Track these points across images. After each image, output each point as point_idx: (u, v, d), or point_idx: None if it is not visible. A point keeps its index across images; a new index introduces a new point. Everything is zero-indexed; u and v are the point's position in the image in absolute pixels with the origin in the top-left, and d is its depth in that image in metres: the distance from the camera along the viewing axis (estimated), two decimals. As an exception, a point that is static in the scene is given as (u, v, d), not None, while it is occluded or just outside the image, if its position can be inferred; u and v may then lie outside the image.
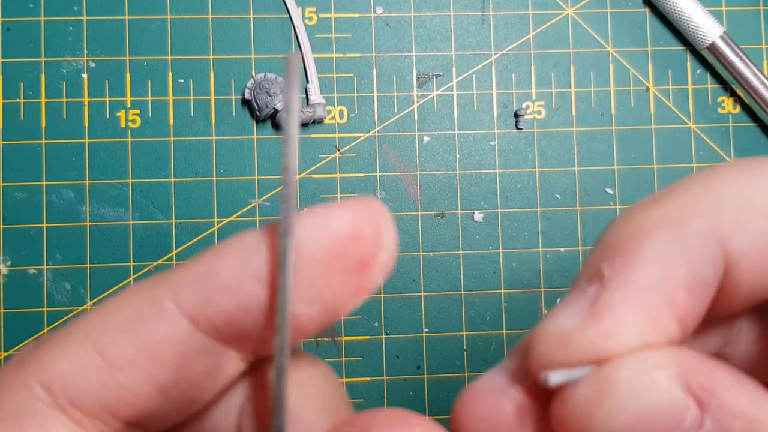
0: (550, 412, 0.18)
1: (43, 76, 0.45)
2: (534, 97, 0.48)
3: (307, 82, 0.46)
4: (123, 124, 0.46)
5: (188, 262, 0.21)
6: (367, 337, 0.46)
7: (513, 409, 0.19)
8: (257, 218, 0.46)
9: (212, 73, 0.46)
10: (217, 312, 0.20)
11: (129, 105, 0.46)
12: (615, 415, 0.17)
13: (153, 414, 0.21)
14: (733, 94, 0.48)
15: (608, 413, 0.17)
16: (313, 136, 0.46)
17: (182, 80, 0.46)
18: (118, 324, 0.20)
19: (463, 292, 0.46)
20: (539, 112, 0.48)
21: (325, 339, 0.46)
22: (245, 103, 0.46)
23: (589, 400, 0.17)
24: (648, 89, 0.48)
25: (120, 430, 0.21)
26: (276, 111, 0.45)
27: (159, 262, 0.45)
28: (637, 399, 0.17)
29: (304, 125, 0.46)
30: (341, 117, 0.47)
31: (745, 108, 0.48)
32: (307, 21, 0.47)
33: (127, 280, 0.45)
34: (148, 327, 0.20)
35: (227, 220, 0.46)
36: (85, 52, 0.46)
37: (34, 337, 0.44)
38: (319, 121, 0.46)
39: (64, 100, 0.45)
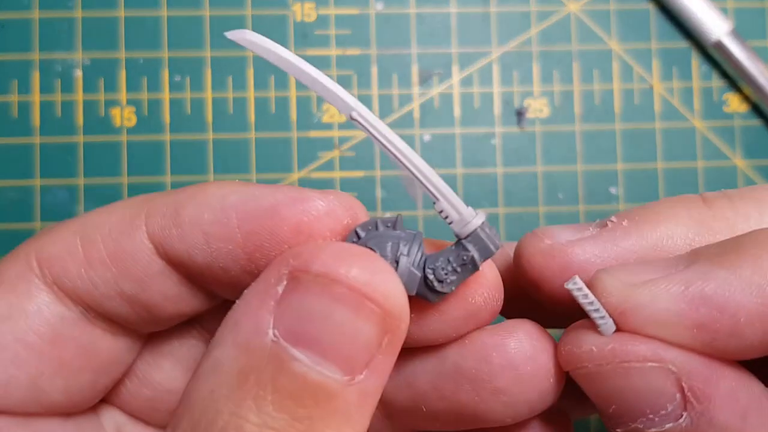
0: (558, 346, 0.23)
1: (36, 74, 0.45)
2: (536, 95, 0.47)
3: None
4: (118, 123, 0.45)
5: (171, 192, 0.23)
6: (367, 339, 0.45)
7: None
8: (255, 218, 0.45)
9: (209, 71, 0.46)
10: (172, 248, 0.22)
11: (124, 103, 0.45)
12: (610, 381, 0.21)
13: (121, 317, 0.23)
14: (739, 92, 0.47)
15: (606, 377, 0.21)
16: (312, 134, 0.46)
17: (178, 77, 0.45)
18: (103, 227, 0.23)
19: (464, 293, 0.46)
20: (541, 110, 0.47)
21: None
22: (243, 100, 0.45)
23: (594, 357, 0.21)
24: (652, 87, 0.47)
25: (99, 318, 0.23)
26: None
27: (155, 262, 0.44)
28: (627, 379, 0.21)
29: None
30: (341, 115, 0.46)
31: (752, 106, 0.48)
32: (305, 17, 0.46)
33: (122, 282, 0.44)
34: (121, 238, 0.22)
35: (224, 220, 0.45)
36: (80, 48, 0.45)
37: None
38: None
39: (59, 98, 0.45)
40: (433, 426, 0.25)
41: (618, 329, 0.21)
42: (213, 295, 0.24)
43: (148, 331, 0.25)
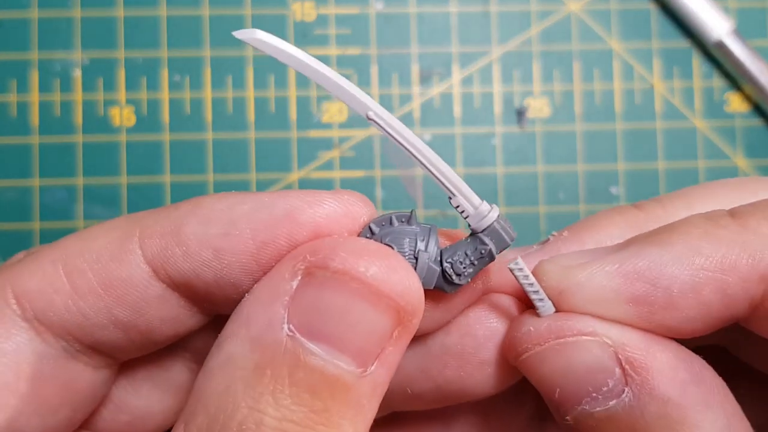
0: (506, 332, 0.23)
1: (35, 73, 0.45)
2: (537, 95, 0.47)
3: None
4: (117, 122, 0.45)
5: (162, 210, 0.22)
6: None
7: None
8: (254, 218, 0.45)
9: (208, 70, 0.45)
10: (175, 269, 0.21)
11: (123, 102, 0.45)
12: (549, 361, 0.22)
13: (112, 345, 0.22)
14: (740, 91, 0.47)
15: (545, 358, 0.22)
16: (311, 134, 0.46)
17: (178, 77, 0.45)
18: (89, 254, 0.22)
19: (464, 293, 0.46)
20: (542, 110, 0.47)
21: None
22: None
23: (531, 337, 0.22)
24: (653, 86, 0.47)
25: (83, 351, 0.22)
26: None
27: (154, 263, 0.44)
28: (564, 356, 0.21)
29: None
30: (340, 114, 0.46)
31: (753, 106, 0.47)
32: (305, 17, 0.46)
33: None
34: (113, 264, 0.21)
35: (224, 220, 0.45)
36: (79, 48, 0.45)
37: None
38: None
39: (57, 97, 0.45)
40: (414, 406, 0.25)
41: (558, 310, 0.22)
42: (211, 313, 0.24)
43: (138, 355, 0.24)
